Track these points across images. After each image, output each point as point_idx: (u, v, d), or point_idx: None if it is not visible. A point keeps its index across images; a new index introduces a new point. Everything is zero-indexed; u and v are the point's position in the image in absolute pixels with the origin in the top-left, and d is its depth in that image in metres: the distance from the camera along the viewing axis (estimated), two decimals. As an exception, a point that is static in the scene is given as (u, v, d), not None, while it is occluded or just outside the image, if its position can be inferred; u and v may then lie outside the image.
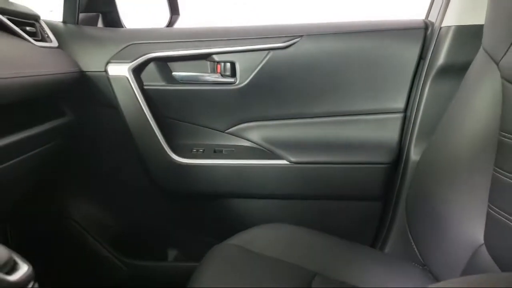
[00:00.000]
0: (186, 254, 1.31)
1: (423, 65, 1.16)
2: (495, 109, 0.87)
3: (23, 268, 0.39)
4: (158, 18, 1.44)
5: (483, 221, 0.83)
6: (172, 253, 1.32)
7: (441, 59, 1.13)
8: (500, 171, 0.79)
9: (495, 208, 0.79)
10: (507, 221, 0.75)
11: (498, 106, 0.87)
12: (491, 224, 0.80)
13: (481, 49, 0.95)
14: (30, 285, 0.39)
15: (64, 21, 1.20)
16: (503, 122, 0.83)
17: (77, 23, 1.20)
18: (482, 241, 0.80)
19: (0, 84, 0.69)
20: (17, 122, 0.84)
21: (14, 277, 0.38)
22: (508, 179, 0.76)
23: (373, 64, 1.16)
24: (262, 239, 1.03)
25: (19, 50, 0.87)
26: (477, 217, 0.85)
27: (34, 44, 0.97)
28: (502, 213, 0.77)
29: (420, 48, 1.16)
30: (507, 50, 0.85)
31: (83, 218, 1.26)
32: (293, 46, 1.15)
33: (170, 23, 1.43)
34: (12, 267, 0.39)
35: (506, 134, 0.81)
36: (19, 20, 0.98)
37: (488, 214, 0.81)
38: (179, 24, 1.44)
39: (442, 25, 1.15)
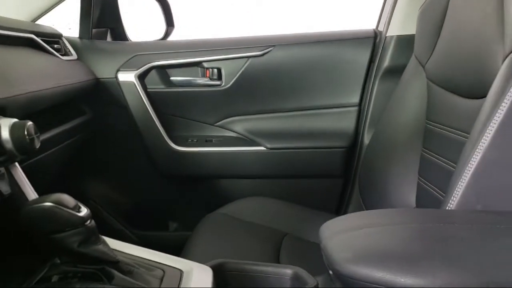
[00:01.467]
0: (184, 224, 1.51)
1: (373, 67, 1.38)
2: (422, 102, 1.09)
3: (84, 210, 0.62)
4: (156, 29, 1.65)
5: (415, 189, 1.03)
6: (172, 224, 1.52)
7: (386, 63, 1.35)
8: (427, 150, 1.02)
9: (422, 179, 1.00)
10: (430, 189, 0.95)
11: (424, 100, 1.09)
12: (420, 191, 1.01)
13: (413, 55, 1.18)
14: (89, 221, 0.62)
15: (80, 37, 1.40)
16: (428, 113, 1.05)
17: (91, 38, 1.41)
18: (415, 205, 1.00)
19: (45, 94, 0.91)
20: (53, 121, 1.06)
21: (81, 214, 0.61)
22: (432, 157, 0.97)
23: (332, 67, 1.38)
24: (245, 208, 1.25)
25: (53, 64, 1.10)
26: (410, 186, 1.06)
27: (61, 59, 1.19)
28: (428, 183, 0.98)
29: (370, 53, 1.37)
30: (430, 56, 1.07)
31: (99, 197, 1.47)
32: (267, 54, 1.37)
33: (167, 34, 1.62)
34: (78, 209, 0.62)
35: (430, 122, 1.03)
36: (48, 40, 1.20)
37: (418, 184, 1.03)
38: (174, 33, 1.65)
39: (387, 35, 1.37)
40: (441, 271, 0.51)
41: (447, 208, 0.74)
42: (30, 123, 0.66)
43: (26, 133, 0.64)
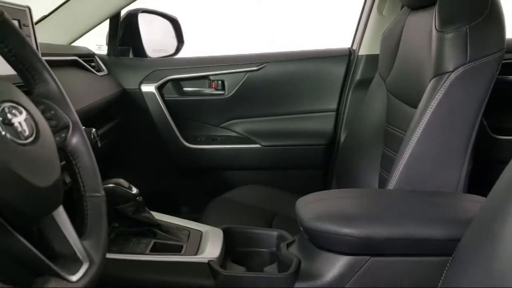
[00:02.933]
0: (193, 208, 1.72)
1: (348, 80, 1.64)
2: (383, 110, 1.34)
3: (135, 189, 0.89)
4: (169, 46, 1.89)
5: (377, 177, 1.29)
6: (184, 208, 1.74)
7: (358, 76, 1.62)
8: (386, 148, 1.27)
9: (383, 171, 1.26)
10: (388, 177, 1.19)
11: (385, 108, 1.34)
12: (381, 181, 1.27)
13: (377, 72, 1.44)
14: (139, 197, 0.89)
15: (108, 54, 1.64)
16: (387, 118, 1.31)
17: (117, 55, 1.67)
18: None
19: (94, 105, 1.18)
20: (94, 126, 1.32)
21: (133, 192, 0.88)
22: (390, 154, 1.20)
23: (315, 79, 1.64)
24: (243, 194, 1.49)
25: (94, 80, 1.36)
26: (373, 175, 1.28)
27: (97, 75, 1.46)
28: (387, 173, 1.23)
29: (345, 68, 1.63)
30: (389, 74, 1.33)
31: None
32: (262, 69, 1.63)
33: (178, 49, 1.87)
34: (131, 189, 0.89)
35: (389, 125, 1.28)
36: (86, 59, 1.46)
37: (380, 175, 1.29)
38: (184, 49, 1.89)
39: (359, 54, 1.64)
40: (369, 225, 0.79)
41: (387, 188, 1.01)
42: (94, 129, 0.91)
43: (92, 137, 0.90)
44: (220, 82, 1.65)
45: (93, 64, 1.48)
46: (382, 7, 1.55)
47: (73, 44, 1.51)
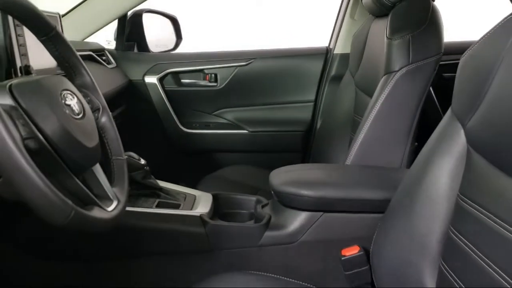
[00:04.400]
0: (188, 183, 1.95)
1: (324, 74, 1.86)
2: (351, 102, 1.55)
3: (143, 160, 1.11)
4: (167, 41, 2.08)
5: (346, 157, 1.51)
6: (181, 183, 1.99)
7: (333, 72, 1.83)
8: (353, 134, 1.49)
9: (351, 154, 1.47)
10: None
11: (353, 101, 1.55)
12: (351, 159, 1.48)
13: (348, 69, 1.66)
14: (146, 166, 1.11)
15: (116, 49, 1.86)
16: (355, 109, 1.52)
17: (124, 50, 1.88)
18: None
19: (108, 94, 1.39)
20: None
21: (142, 162, 1.10)
22: (357, 139, 1.43)
23: (296, 73, 1.85)
24: (232, 173, 1.69)
25: (106, 72, 1.57)
26: (343, 154, 1.45)
27: (108, 67, 1.67)
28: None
29: (323, 64, 1.85)
30: (357, 71, 1.55)
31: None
32: (250, 64, 1.84)
33: (176, 45, 2.06)
34: (139, 160, 1.11)
35: (356, 115, 1.49)
36: (98, 54, 1.67)
37: (348, 154, 1.50)
38: (182, 45, 2.09)
39: (334, 52, 1.86)
40: (323, 189, 1.02)
41: (346, 163, 1.24)
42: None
43: None
44: (213, 75, 1.86)
45: (104, 58, 1.69)
46: (354, 12, 1.77)
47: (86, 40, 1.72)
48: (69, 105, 0.66)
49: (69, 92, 0.68)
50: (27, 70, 0.91)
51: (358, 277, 0.97)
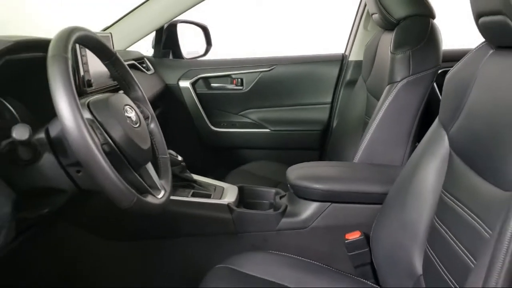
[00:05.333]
0: (216, 177, 2.12)
1: (340, 79, 2.01)
2: (363, 105, 1.69)
3: (180, 157, 1.30)
4: (198, 47, 2.26)
5: (358, 151, 1.61)
6: (211, 175, 2.17)
7: (348, 77, 1.98)
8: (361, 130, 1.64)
9: (359, 152, 1.61)
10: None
11: (365, 103, 1.69)
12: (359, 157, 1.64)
13: (361, 75, 1.80)
14: (183, 162, 1.30)
15: (154, 56, 2.06)
16: (366, 111, 1.67)
17: (161, 57, 2.07)
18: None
19: (150, 98, 1.58)
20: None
21: (179, 159, 1.29)
22: (364, 140, 1.56)
23: (314, 78, 2.00)
24: (255, 167, 1.89)
25: (147, 79, 1.77)
26: (354, 149, 1.52)
27: (147, 74, 1.87)
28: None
29: (338, 70, 1.99)
30: (369, 77, 1.70)
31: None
32: (273, 70, 2.01)
33: (206, 51, 2.22)
34: (177, 157, 1.30)
35: (367, 117, 1.64)
36: (139, 61, 1.87)
37: (356, 153, 1.64)
38: (212, 51, 2.25)
39: (349, 59, 2.01)
40: (331, 182, 1.19)
41: (354, 161, 1.40)
42: None
43: None
44: (239, 79, 2.04)
45: (144, 65, 1.89)
46: (367, 23, 1.91)
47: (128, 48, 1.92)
48: (129, 117, 0.86)
49: (129, 106, 0.87)
50: (89, 83, 1.11)
51: (359, 258, 1.14)
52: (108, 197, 0.74)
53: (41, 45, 0.89)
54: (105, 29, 1.89)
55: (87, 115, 0.78)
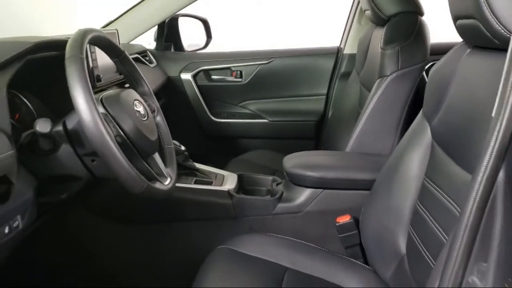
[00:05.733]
0: (216, 164, 2.17)
1: (335, 71, 2.08)
2: (356, 96, 1.76)
3: (182, 147, 1.38)
4: (199, 40, 2.32)
5: (350, 145, 1.72)
6: (211, 164, 2.26)
7: (342, 69, 2.05)
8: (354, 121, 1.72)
9: (350, 142, 1.70)
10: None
11: (358, 95, 1.77)
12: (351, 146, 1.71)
13: (355, 68, 1.88)
14: (186, 152, 1.38)
15: (156, 49, 2.12)
16: (359, 102, 1.75)
17: (163, 50, 2.14)
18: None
19: (154, 91, 1.66)
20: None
21: (182, 148, 1.37)
22: (356, 130, 1.63)
23: (310, 70, 2.07)
24: (254, 156, 1.98)
25: (150, 72, 1.84)
26: (347, 138, 1.57)
27: (150, 66, 1.94)
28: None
29: (334, 62, 2.06)
30: (362, 69, 1.77)
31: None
32: (271, 62, 2.08)
33: (206, 44, 2.28)
34: (180, 146, 1.38)
35: (360, 108, 1.71)
36: (142, 55, 1.94)
37: (349, 142, 1.72)
38: (213, 43, 2.31)
39: (344, 52, 2.08)
40: (324, 170, 1.27)
41: (346, 150, 1.48)
42: None
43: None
44: (239, 72, 2.11)
45: (147, 58, 1.96)
46: (361, 18, 1.98)
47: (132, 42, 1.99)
48: (138, 111, 0.93)
49: (137, 101, 0.95)
50: (98, 78, 1.19)
51: (349, 239, 1.22)
52: (121, 183, 0.83)
53: (56, 45, 0.96)
54: (109, 23, 1.95)
55: (101, 109, 0.86)
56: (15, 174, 0.79)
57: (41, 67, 0.99)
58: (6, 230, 0.79)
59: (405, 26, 1.42)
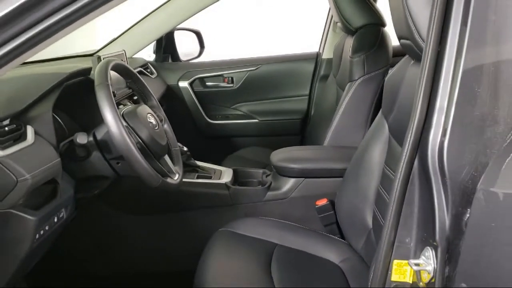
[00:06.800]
0: (213, 160, 2.38)
1: (316, 74, 2.29)
2: (334, 96, 1.98)
3: (185, 148, 1.60)
4: (193, 50, 2.51)
5: (327, 135, 1.92)
6: (209, 161, 2.47)
7: (322, 72, 2.26)
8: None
9: (327, 137, 1.91)
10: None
11: (335, 95, 1.99)
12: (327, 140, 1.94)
13: (332, 71, 2.09)
14: (188, 152, 1.60)
15: (155, 60, 2.33)
16: (336, 100, 1.96)
17: (162, 61, 2.35)
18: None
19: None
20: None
21: (185, 149, 1.58)
22: (331, 126, 1.86)
23: (293, 74, 2.28)
24: (246, 153, 2.18)
25: (152, 83, 2.04)
26: (325, 130, 1.89)
27: (152, 77, 2.14)
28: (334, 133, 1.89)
29: (314, 66, 2.28)
30: (337, 73, 1.98)
31: None
32: (258, 68, 2.29)
33: (200, 53, 2.47)
34: (183, 148, 1.59)
35: (336, 106, 1.94)
36: (144, 67, 2.14)
37: (325, 137, 1.94)
38: (206, 52, 2.51)
39: (323, 57, 2.29)
40: (305, 163, 1.49)
41: (324, 144, 1.70)
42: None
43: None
44: (230, 78, 2.32)
45: (148, 70, 2.17)
46: (335, 27, 2.19)
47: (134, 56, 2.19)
48: (151, 122, 1.15)
49: (150, 113, 1.17)
50: (113, 94, 1.40)
51: (327, 218, 1.44)
52: (141, 180, 1.05)
53: (83, 72, 1.18)
54: (113, 40, 2.15)
55: (124, 123, 1.08)
56: (60, 176, 1.00)
57: (70, 89, 1.21)
58: (55, 220, 1.01)
59: (370, 37, 1.64)
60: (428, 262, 0.75)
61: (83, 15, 0.65)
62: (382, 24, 1.69)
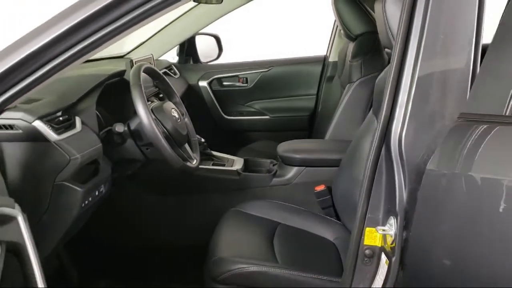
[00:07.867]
0: (229, 151, 2.15)
1: (323, 75, 2.46)
2: (338, 95, 2.16)
3: (202, 139, 1.79)
4: (213, 53, 2.70)
5: (327, 133, 2.10)
6: (224, 151, 2.64)
7: (328, 73, 2.42)
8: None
9: (329, 131, 2.09)
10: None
11: (339, 95, 2.18)
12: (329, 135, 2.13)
13: (337, 73, 2.26)
14: (205, 142, 1.79)
15: (178, 62, 2.53)
16: (340, 99, 2.15)
17: (184, 63, 2.55)
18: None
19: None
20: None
21: (202, 140, 1.78)
22: (332, 122, 2.06)
23: (302, 75, 2.45)
24: (258, 146, 2.37)
25: (175, 82, 2.24)
26: (328, 125, 2.11)
27: (175, 78, 2.35)
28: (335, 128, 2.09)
29: (321, 68, 2.45)
30: (341, 75, 2.15)
31: None
32: (271, 70, 2.47)
33: (218, 55, 2.65)
34: (200, 138, 1.79)
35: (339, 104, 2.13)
36: (169, 68, 2.34)
37: (327, 132, 2.11)
38: (224, 54, 2.70)
39: (330, 60, 2.46)
40: (306, 153, 1.68)
41: (325, 138, 1.87)
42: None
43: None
44: (245, 78, 2.50)
45: (172, 71, 2.37)
46: (341, 33, 2.35)
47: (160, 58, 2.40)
48: (174, 116, 1.35)
49: (174, 109, 1.37)
50: (142, 92, 1.61)
51: (325, 202, 1.60)
52: (166, 163, 1.25)
53: (119, 74, 1.39)
54: (141, 44, 2.36)
55: (153, 116, 1.28)
56: (101, 158, 1.21)
57: (107, 87, 1.41)
58: (97, 193, 1.22)
59: (367, 43, 1.81)
60: (391, 228, 0.93)
61: (138, 22, 0.82)
62: (378, 32, 1.84)
